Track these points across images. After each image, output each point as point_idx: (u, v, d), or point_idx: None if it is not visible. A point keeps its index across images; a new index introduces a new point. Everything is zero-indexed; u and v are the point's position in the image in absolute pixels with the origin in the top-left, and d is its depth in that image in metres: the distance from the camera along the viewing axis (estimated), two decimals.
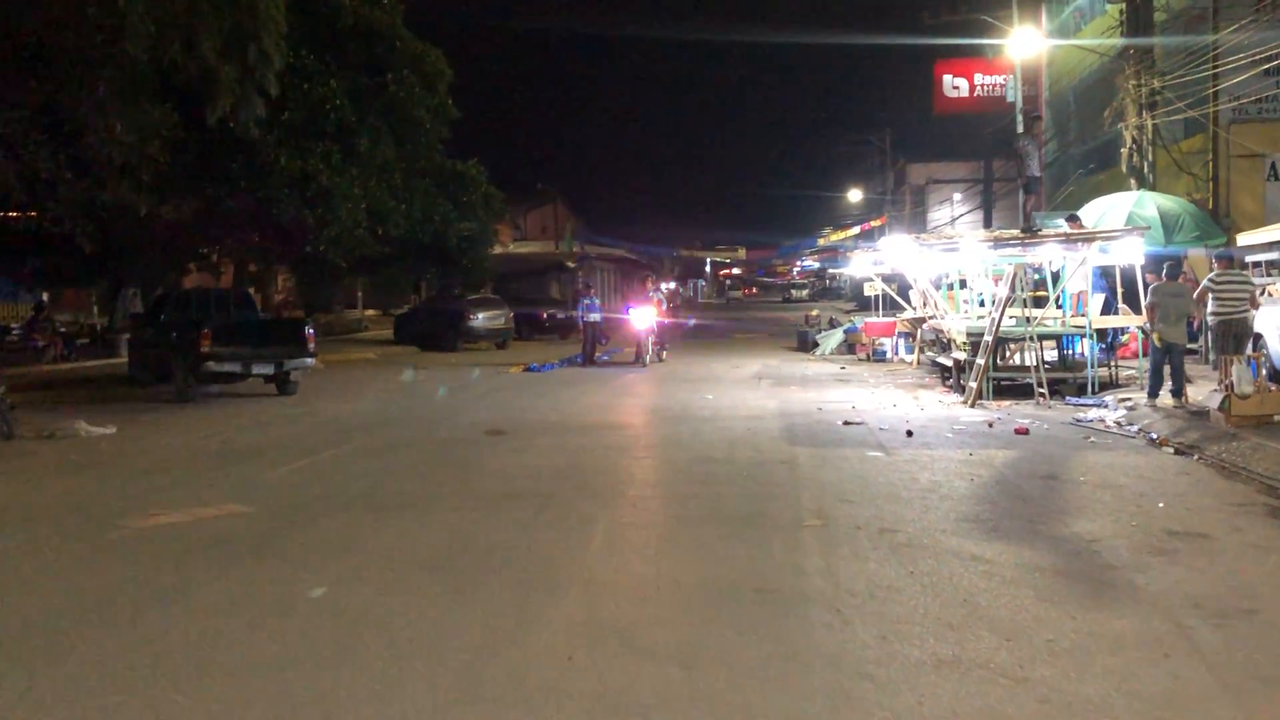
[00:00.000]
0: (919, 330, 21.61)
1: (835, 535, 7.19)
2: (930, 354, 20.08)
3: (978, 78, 51.52)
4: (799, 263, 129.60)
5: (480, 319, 30.42)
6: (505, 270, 47.59)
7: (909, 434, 11.82)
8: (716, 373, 21.16)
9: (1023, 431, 11.86)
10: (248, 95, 19.80)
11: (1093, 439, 11.39)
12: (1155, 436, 11.20)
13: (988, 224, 45.07)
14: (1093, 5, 31.07)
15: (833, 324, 28.03)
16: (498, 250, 43.09)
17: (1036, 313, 15.33)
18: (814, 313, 31.33)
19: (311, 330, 17.77)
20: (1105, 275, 17.74)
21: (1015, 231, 16.15)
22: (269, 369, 17.13)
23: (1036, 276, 17.03)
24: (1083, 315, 16.55)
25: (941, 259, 16.50)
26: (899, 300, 23.28)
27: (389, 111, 27.32)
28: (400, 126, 27.93)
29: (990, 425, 12.49)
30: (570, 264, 54.92)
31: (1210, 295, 12.84)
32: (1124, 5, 21.66)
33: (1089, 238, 14.62)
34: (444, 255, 32.26)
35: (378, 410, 15.64)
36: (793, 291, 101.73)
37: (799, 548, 6.87)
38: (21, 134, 17.21)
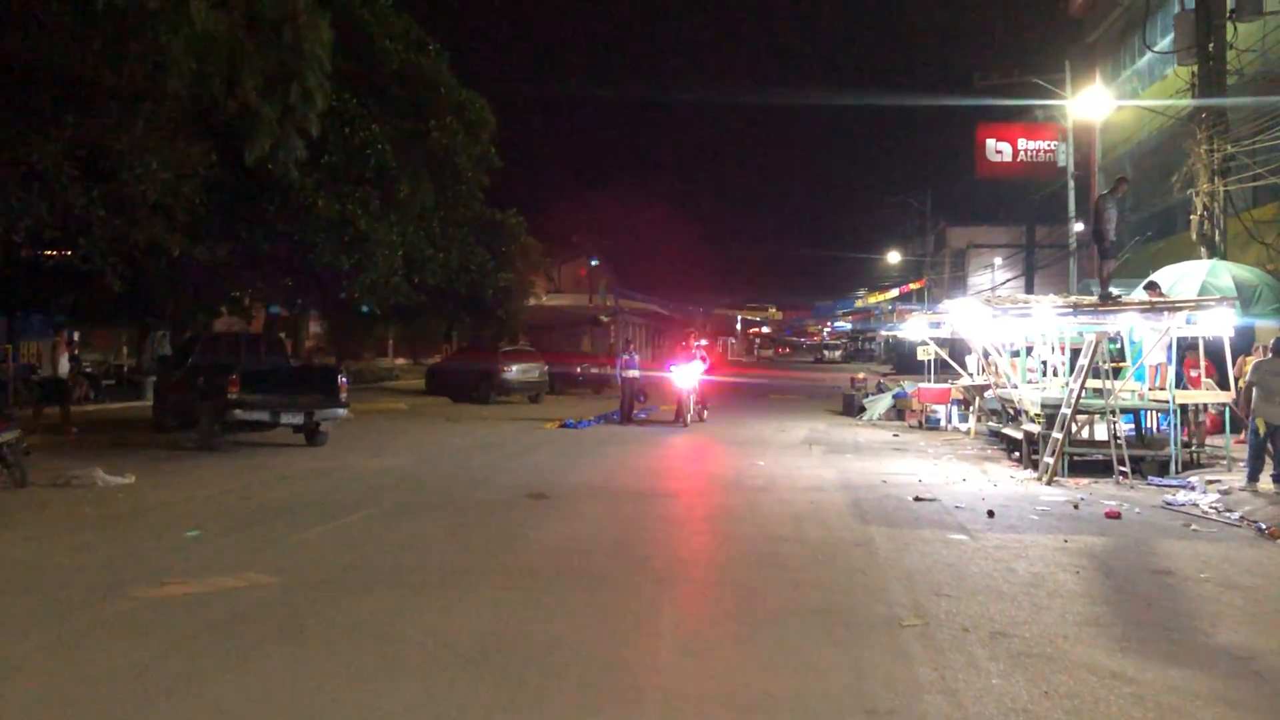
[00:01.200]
0: (977, 398, 20.62)
1: (941, 638, 6.23)
2: (991, 424, 19.06)
3: (1021, 142, 50.80)
4: (830, 323, 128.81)
5: (514, 371, 29.63)
6: (538, 322, 47.05)
7: (990, 514, 10.83)
8: (762, 436, 20.22)
9: (1114, 515, 10.85)
10: (288, 135, 19.29)
11: (1194, 527, 10.35)
12: (1264, 527, 10.16)
13: (1029, 291, 44.07)
14: (1152, 69, 30.37)
15: (880, 388, 27.05)
16: (531, 302, 42.46)
17: (1112, 384, 14.33)
18: (860, 376, 30.35)
19: (345, 379, 17.01)
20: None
21: (1094, 299, 15.22)
22: (298, 419, 16.35)
23: (1113, 347, 16.06)
24: (1161, 389, 15.56)
25: (1010, 324, 15.57)
26: (954, 366, 22.31)
27: (430, 158, 26.82)
28: (441, 174, 27.43)
29: (1076, 507, 11.48)
30: (604, 318, 54.32)
31: None
32: (1195, 67, 20.81)
33: (1174, 307, 13.67)
34: (480, 306, 31.60)
35: (411, 466, 14.80)
36: (825, 352, 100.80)
37: (903, 654, 5.92)
38: (56, 169, 16.65)
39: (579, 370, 35.61)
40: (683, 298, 78.02)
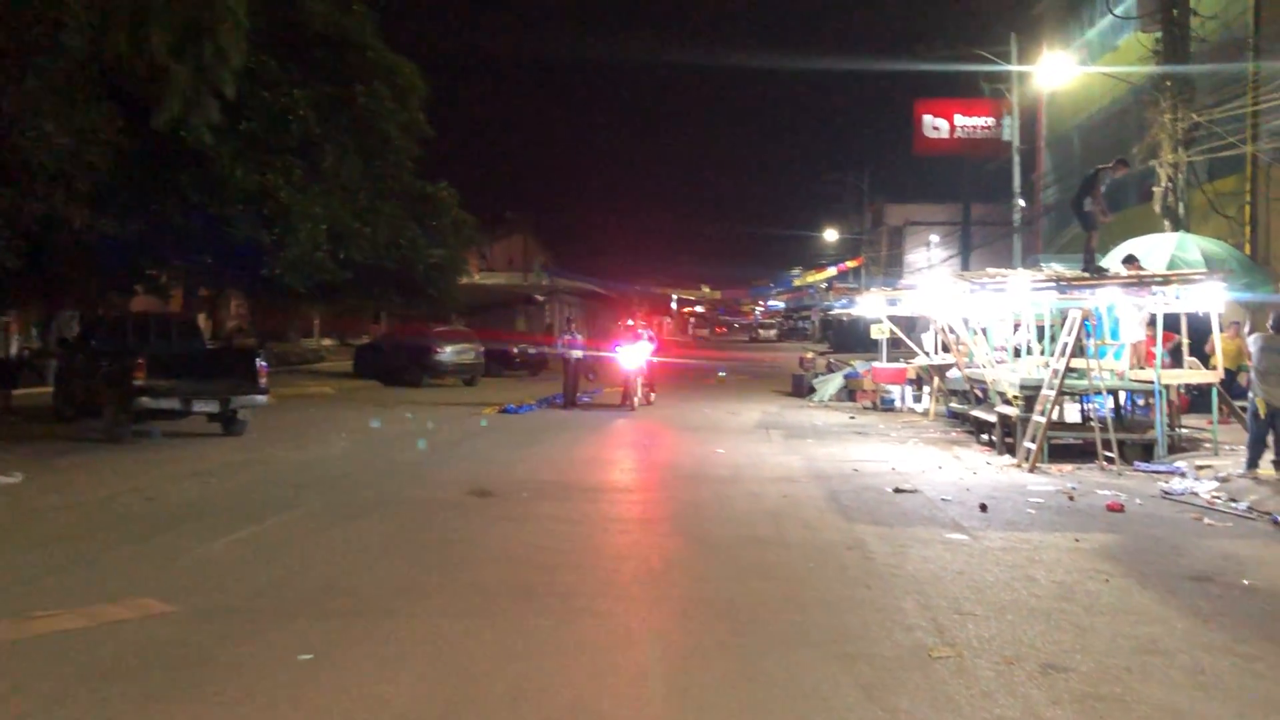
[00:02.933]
0: (935, 379, 19.77)
1: (984, 675, 5.17)
2: (954, 405, 18.19)
3: (958, 119, 50.31)
4: (764, 302, 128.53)
5: (448, 353, 28.23)
6: (471, 301, 45.50)
7: (983, 509, 9.85)
8: (714, 420, 19.16)
9: (1117, 508, 9.93)
10: (201, 97, 17.71)
11: (1207, 521, 9.46)
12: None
13: (965, 268, 43.61)
14: (1103, 40, 29.76)
15: (830, 368, 26.16)
16: (464, 281, 40.91)
17: (1096, 364, 13.46)
18: (809, 355, 29.45)
19: (264, 363, 15.58)
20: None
21: (1077, 272, 14.34)
22: (213, 406, 14.90)
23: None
24: (1143, 368, 14.78)
25: (986, 300, 14.64)
26: (911, 345, 21.45)
27: (357, 126, 25.21)
28: (368, 142, 25.83)
29: (1071, 498, 10.56)
30: (539, 297, 52.94)
31: None
32: (1157, 35, 20.08)
33: (1163, 280, 12.83)
34: (410, 283, 30.01)
35: (339, 458, 13.47)
36: (760, 331, 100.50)
37: (947, 701, 4.84)
38: None
39: (516, 351, 34.28)
40: (619, 276, 76.84)
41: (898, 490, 10.92)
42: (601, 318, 69.55)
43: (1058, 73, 28.90)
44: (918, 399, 21.96)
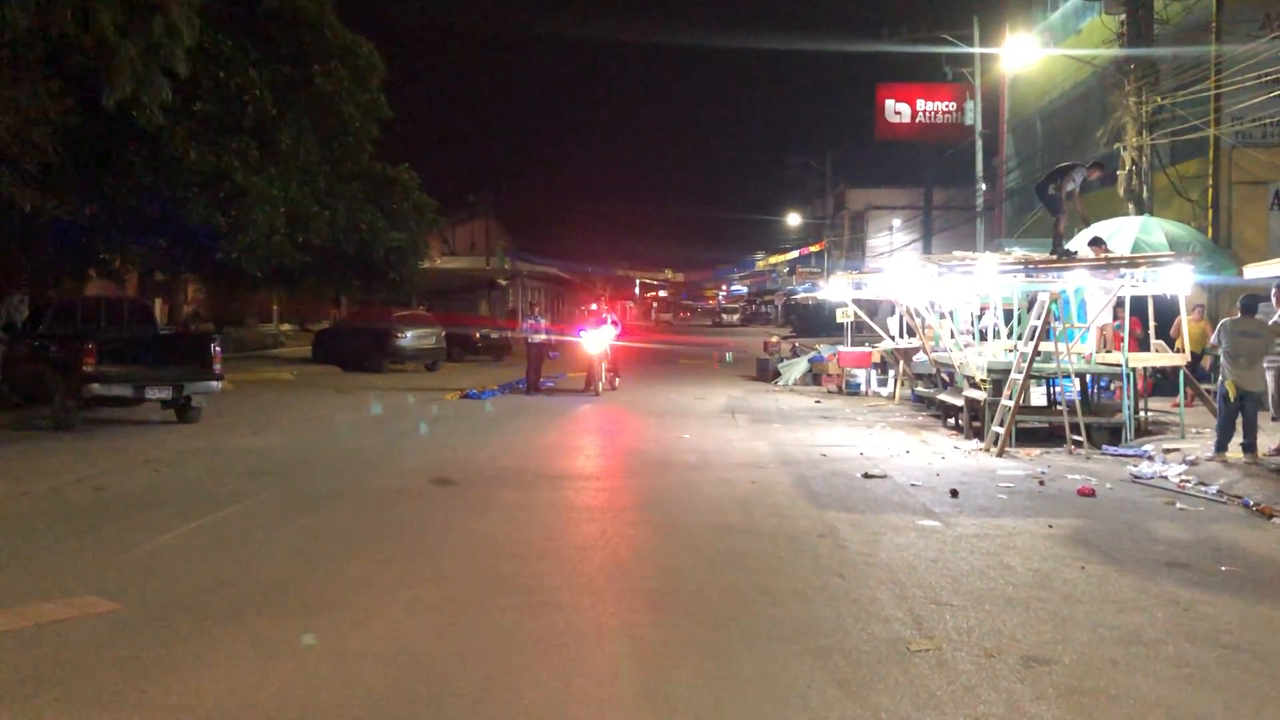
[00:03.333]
0: (901, 362, 19.68)
1: (964, 669, 5.00)
2: (919, 389, 18.10)
3: (920, 103, 50.33)
4: (727, 287, 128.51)
5: (409, 337, 27.82)
6: (433, 286, 45.00)
7: (954, 494, 9.72)
8: (680, 405, 18.96)
9: (1088, 493, 9.83)
10: (152, 75, 17.19)
11: (1180, 505, 9.38)
12: (1251, 503, 9.25)
13: (927, 252, 43.69)
14: (1065, 24, 29.77)
15: (795, 352, 26.04)
16: (426, 264, 40.39)
17: (1066, 347, 13.36)
18: (774, 340, 29.32)
19: (219, 348, 15.18)
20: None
21: (1046, 255, 14.24)
22: (166, 393, 14.49)
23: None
24: (1109, 351, 14.76)
25: (954, 283, 14.51)
26: (875, 328, 21.35)
27: (315, 106, 24.71)
28: (326, 123, 25.34)
29: (1041, 483, 10.45)
30: (502, 281, 52.52)
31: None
32: (1124, 16, 20.04)
33: (1133, 263, 12.75)
34: (370, 267, 29.54)
35: (296, 446, 13.13)
36: (723, 316, 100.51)
37: (928, 697, 4.66)
38: None
39: (478, 336, 33.90)
40: (583, 260, 76.48)
41: (867, 475, 10.77)
42: (566, 302, 69.28)
43: (1022, 54, 28.82)
44: (883, 383, 21.87)
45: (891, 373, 21.52)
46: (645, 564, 7.17)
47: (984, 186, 37.02)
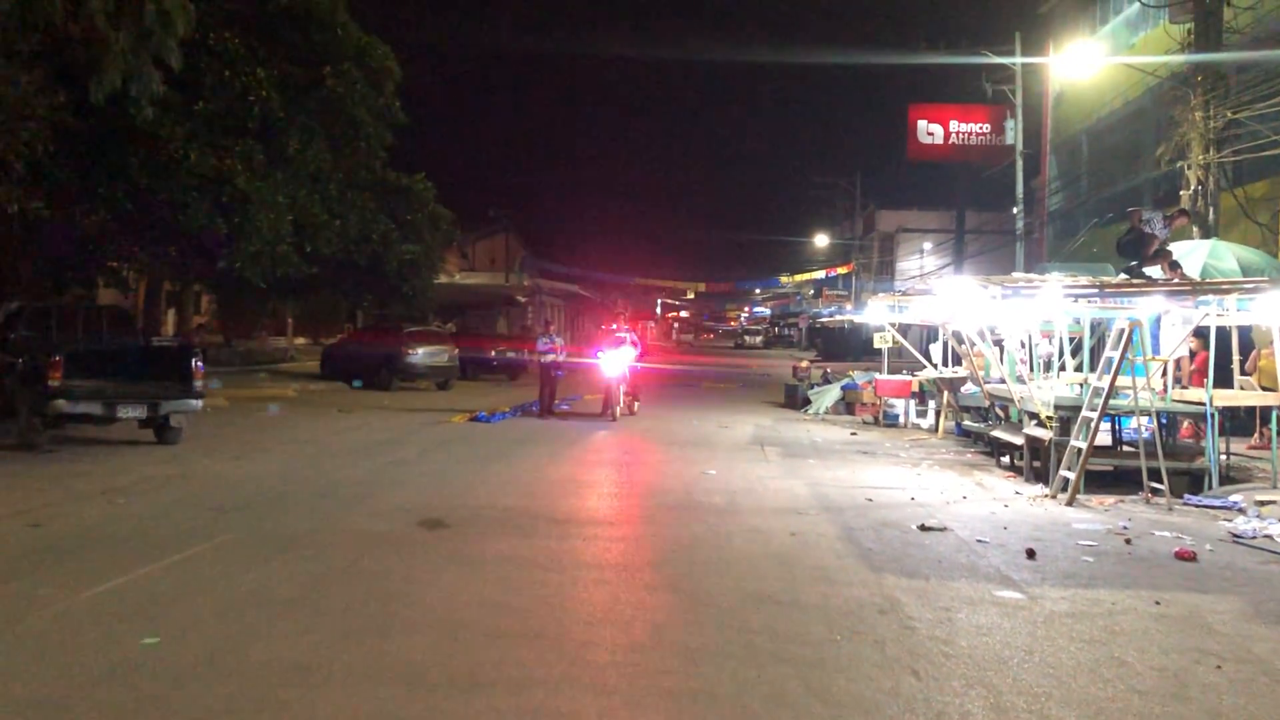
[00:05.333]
0: (945, 393, 18.18)
1: None
2: (968, 423, 16.60)
3: (953, 124, 49.23)
4: (750, 308, 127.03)
5: (420, 355, 26.46)
6: (450, 302, 43.83)
7: (1031, 555, 8.25)
8: (703, 434, 17.53)
9: (1187, 557, 8.34)
10: (143, 67, 15.99)
11: None
12: None
13: (958, 275, 42.16)
14: (1115, 37, 28.31)
15: (826, 379, 24.57)
16: (443, 279, 39.17)
17: (1147, 382, 11.84)
18: (804, 364, 27.81)
19: (201, 364, 13.88)
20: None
21: (1122, 278, 12.76)
22: (140, 411, 13.18)
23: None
24: (1183, 387, 13.28)
25: (1005, 309, 13.01)
26: (918, 356, 19.88)
27: (325, 109, 23.54)
28: (337, 128, 24.15)
29: (1128, 541, 8.96)
30: (521, 298, 51.32)
31: None
32: (1191, 25, 18.59)
33: (1220, 290, 11.26)
34: (382, 280, 28.32)
35: (277, 474, 11.78)
36: (746, 338, 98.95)
37: None
38: None
39: (493, 355, 32.55)
40: (604, 279, 75.29)
41: (924, 528, 9.30)
42: (585, 320, 68.00)
43: (1076, 64, 27.21)
44: (921, 414, 20.38)
45: (932, 404, 20.03)
46: (666, 649, 5.73)
47: (1017, 209, 35.54)
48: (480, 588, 6.86)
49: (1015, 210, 35.91)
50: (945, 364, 19.07)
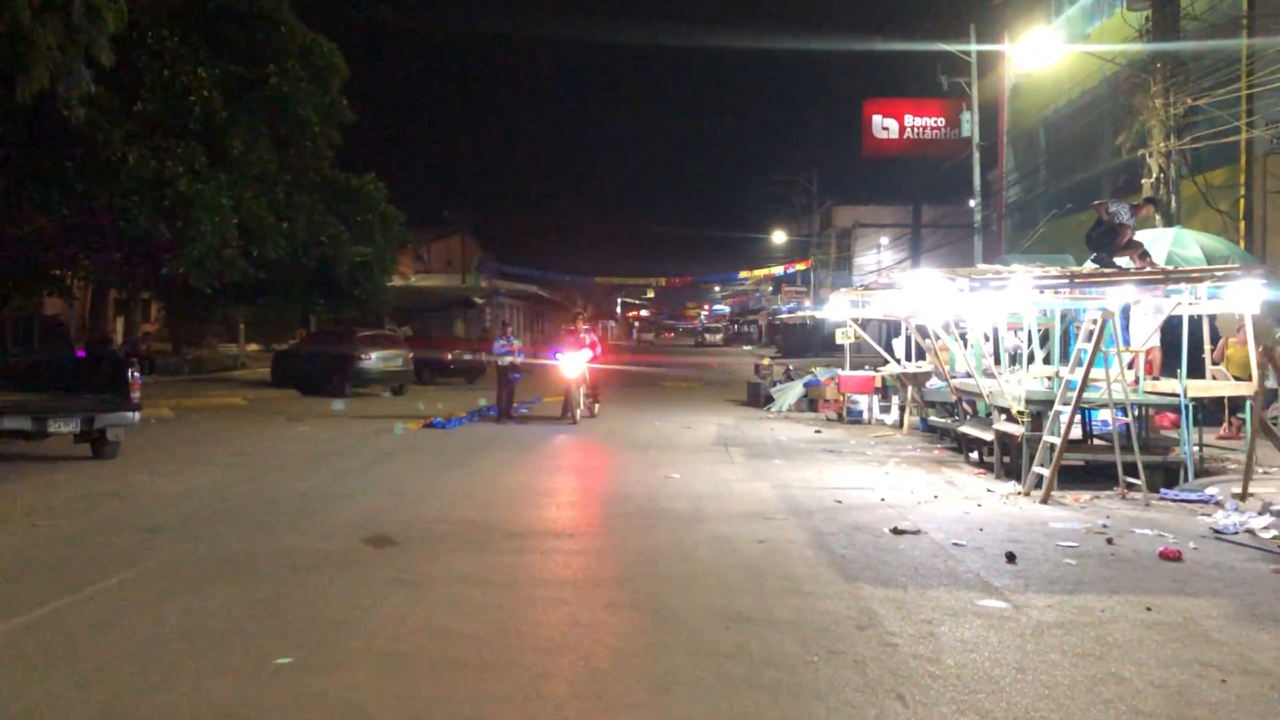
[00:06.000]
0: (909, 388, 17.87)
1: None
2: (936, 419, 16.27)
3: (908, 119, 49.24)
4: (709, 306, 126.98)
5: (373, 359, 25.78)
6: (406, 305, 43.11)
7: (1010, 559, 7.87)
8: (666, 435, 17.09)
9: (1172, 556, 8.00)
10: (72, 64, 15.30)
11: None
12: None
13: (915, 269, 42.01)
14: (1072, 28, 28.16)
15: (789, 375, 24.22)
16: (398, 282, 38.44)
17: (1120, 374, 11.51)
18: (765, 362, 27.47)
19: (138, 375, 13.22)
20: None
21: (1093, 268, 12.45)
22: (73, 426, 12.50)
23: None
24: (1154, 378, 13.01)
25: (976, 301, 12.67)
26: (880, 351, 19.57)
27: (270, 109, 22.85)
28: (283, 128, 23.47)
29: (1109, 541, 8.61)
30: (478, 300, 50.64)
31: None
32: (1149, 12, 18.40)
33: (1193, 277, 10.97)
34: (333, 284, 27.60)
35: (218, 489, 11.18)
36: (706, 336, 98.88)
37: None
38: None
39: (450, 358, 31.92)
40: (563, 280, 74.67)
41: (897, 531, 8.90)
42: (544, 321, 67.40)
43: (1035, 54, 26.94)
44: (885, 410, 20.11)
45: (895, 399, 19.74)
46: (630, 678, 5.26)
47: (973, 202, 35.44)
48: (428, 612, 6.35)
49: (972, 203, 35.87)
50: (909, 359, 18.77)
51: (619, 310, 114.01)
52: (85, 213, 20.57)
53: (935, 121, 49.13)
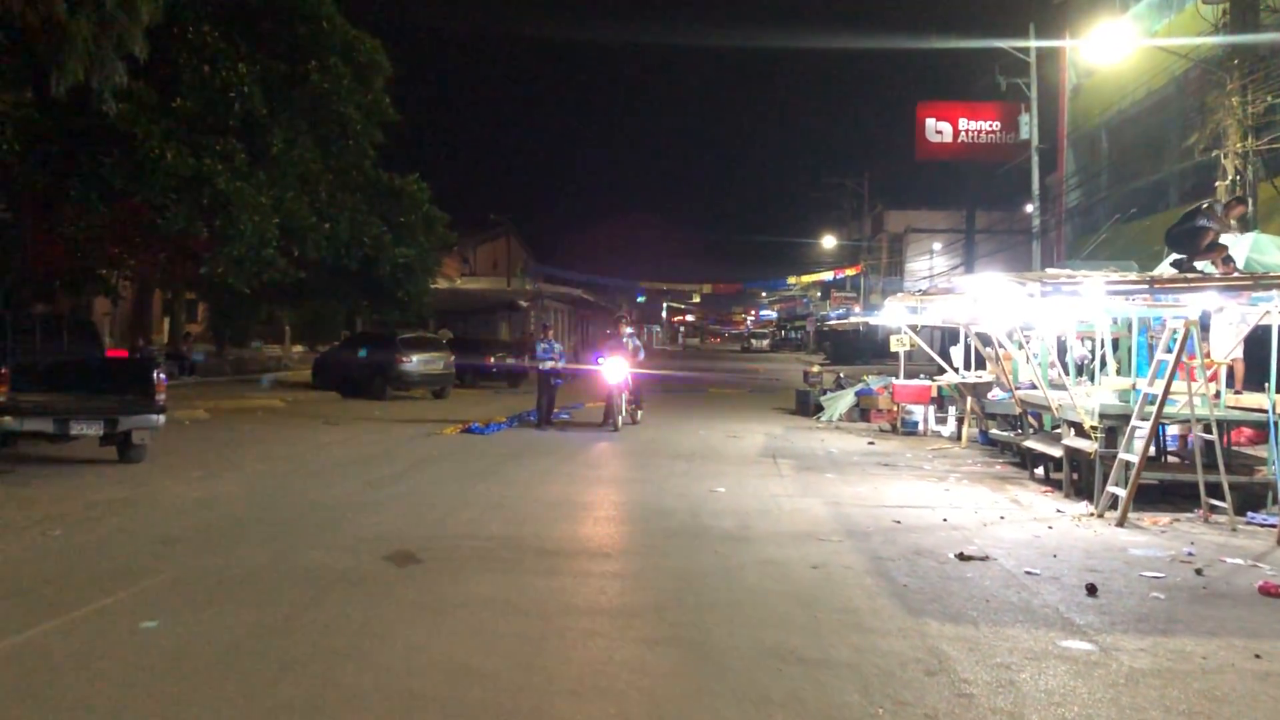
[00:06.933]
0: (969, 399, 17.05)
1: None
2: (997, 432, 15.44)
3: (962, 123, 48.09)
4: (756, 311, 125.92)
5: (415, 362, 25.36)
6: (451, 308, 42.83)
7: (1092, 591, 7.13)
8: (711, 444, 16.41)
9: (1273, 592, 7.21)
10: (106, 58, 14.94)
11: None
12: None
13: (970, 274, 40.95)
14: (1139, 26, 27.11)
15: (840, 384, 23.44)
16: (443, 285, 38.04)
17: (1203, 387, 10.69)
18: (814, 369, 26.70)
19: (163, 376, 12.78)
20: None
21: (1173, 273, 11.61)
22: (97, 429, 12.08)
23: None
24: (1236, 392, 12.16)
25: (1045, 307, 11.89)
26: (938, 359, 18.75)
27: (311, 106, 22.47)
28: (324, 126, 23.08)
29: (1199, 572, 7.83)
30: (523, 303, 50.25)
31: None
32: (1226, 4, 17.46)
33: None
34: (376, 285, 27.21)
35: (241, 496, 10.69)
36: (752, 341, 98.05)
37: None
38: None
39: (493, 361, 31.48)
40: (609, 284, 74.20)
41: (963, 557, 8.17)
42: (589, 324, 66.85)
43: (1102, 49, 25.83)
44: (941, 421, 19.29)
45: (952, 410, 18.92)
46: None
47: (1029, 208, 34.37)
48: (447, 643, 5.75)
49: (1030, 208, 34.80)
50: (967, 367, 17.95)
51: (664, 314, 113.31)
52: (126, 211, 20.33)
53: (990, 125, 48.03)
